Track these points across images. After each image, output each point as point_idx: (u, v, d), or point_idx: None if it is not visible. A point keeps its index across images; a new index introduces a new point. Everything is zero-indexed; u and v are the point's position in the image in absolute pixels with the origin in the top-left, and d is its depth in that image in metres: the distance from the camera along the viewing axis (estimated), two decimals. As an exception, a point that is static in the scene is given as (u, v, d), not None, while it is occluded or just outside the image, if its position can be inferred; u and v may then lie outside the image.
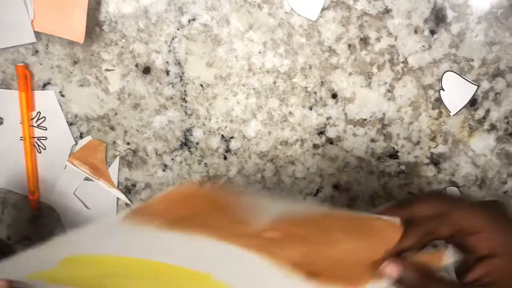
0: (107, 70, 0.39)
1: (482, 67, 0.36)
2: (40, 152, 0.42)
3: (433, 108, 0.38)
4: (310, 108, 0.39)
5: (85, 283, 0.23)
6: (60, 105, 0.40)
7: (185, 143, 0.41)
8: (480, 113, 0.38)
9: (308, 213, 0.30)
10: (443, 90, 0.37)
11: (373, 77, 0.38)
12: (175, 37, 0.38)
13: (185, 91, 0.39)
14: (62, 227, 0.45)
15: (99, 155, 0.43)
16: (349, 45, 0.37)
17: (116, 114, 0.40)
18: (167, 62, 0.39)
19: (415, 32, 0.36)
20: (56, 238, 0.25)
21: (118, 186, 0.43)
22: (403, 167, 0.40)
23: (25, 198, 0.43)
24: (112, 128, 0.41)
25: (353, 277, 0.27)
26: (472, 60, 0.36)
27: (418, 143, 0.39)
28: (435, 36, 0.36)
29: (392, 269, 0.27)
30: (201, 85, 0.39)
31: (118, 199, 0.43)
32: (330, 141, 0.40)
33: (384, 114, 0.39)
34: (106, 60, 0.39)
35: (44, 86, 0.40)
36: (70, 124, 0.41)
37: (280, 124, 0.40)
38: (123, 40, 0.38)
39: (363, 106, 0.39)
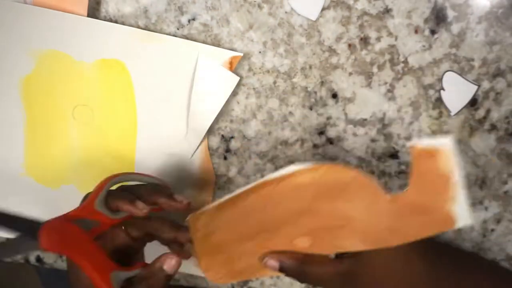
0: (107, 70, 0.39)
1: (482, 67, 0.36)
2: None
3: (433, 108, 0.38)
4: (310, 108, 0.39)
5: None
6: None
7: (185, 143, 0.41)
8: (480, 113, 0.38)
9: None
10: (444, 90, 0.37)
11: (373, 77, 0.38)
12: (175, 36, 0.38)
13: (185, 91, 0.39)
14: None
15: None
16: (349, 45, 0.37)
17: (115, 114, 0.40)
18: (167, 62, 0.39)
19: (416, 32, 0.36)
20: None
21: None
22: (403, 167, 0.40)
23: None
24: (112, 128, 0.41)
25: None
26: (473, 60, 0.36)
27: (418, 143, 0.39)
28: (436, 36, 0.36)
29: (272, 264, 0.32)
30: (201, 85, 0.39)
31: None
32: (330, 141, 0.40)
33: (384, 114, 0.38)
34: (105, 60, 0.39)
35: (44, 86, 0.40)
36: (70, 124, 0.41)
37: (280, 124, 0.40)
38: (123, 40, 0.38)
39: (363, 106, 0.38)
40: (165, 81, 0.38)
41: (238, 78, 0.37)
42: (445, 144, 0.26)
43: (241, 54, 0.37)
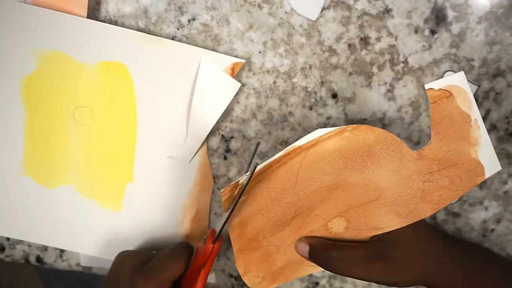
0: (107, 70, 0.39)
1: (482, 67, 0.36)
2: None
3: (433, 108, 0.38)
4: (310, 108, 0.39)
5: None
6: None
7: (185, 143, 0.41)
8: (480, 113, 0.38)
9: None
10: (444, 90, 0.37)
11: (373, 77, 0.38)
12: (175, 37, 0.38)
13: (185, 91, 0.39)
14: (62, 227, 0.45)
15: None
16: (349, 45, 0.37)
17: (116, 114, 0.40)
18: (167, 62, 0.39)
19: (416, 32, 0.36)
20: None
21: (118, 186, 0.42)
22: (403, 167, 0.40)
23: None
24: (112, 128, 0.41)
25: None
26: (473, 60, 0.36)
27: (418, 143, 0.39)
28: (436, 36, 0.36)
29: (302, 248, 0.33)
30: (201, 85, 0.39)
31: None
32: (330, 141, 0.40)
33: (384, 114, 0.39)
34: (106, 60, 0.39)
35: (44, 86, 0.40)
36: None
37: (280, 124, 0.40)
38: (123, 40, 0.38)
39: (363, 106, 0.38)
40: (166, 85, 0.38)
41: (239, 84, 0.37)
42: (459, 78, 0.26)
43: (243, 61, 0.37)
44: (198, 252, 0.35)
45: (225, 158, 0.41)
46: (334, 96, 0.38)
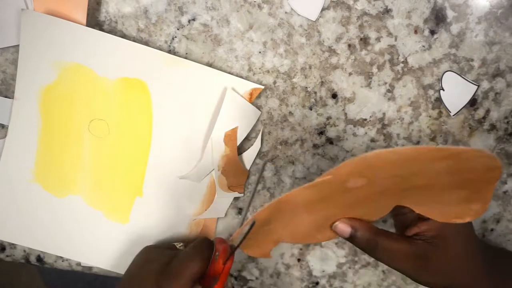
0: (107, 70, 0.39)
1: (482, 67, 0.37)
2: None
3: (433, 108, 0.38)
4: (310, 108, 0.39)
5: None
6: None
7: (185, 143, 0.41)
8: (480, 113, 0.38)
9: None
10: (443, 90, 0.37)
11: (373, 77, 0.38)
12: (175, 37, 0.38)
13: (185, 91, 0.39)
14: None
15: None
16: (349, 45, 0.37)
17: (116, 114, 0.40)
18: (167, 62, 0.39)
19: (415, 32, 0.36)
20: None
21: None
22: (403, 167, 0.40)
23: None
24: (112, 128, 0.41)
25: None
26: (472, 60, 0.36)
27: (418, 143, 0.39)
28: (435, 36, 0.36)
29: (343, 228, 0.31)
30: (201, 85, 0.39)
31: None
32: (330, 141, 0.40)
33: (384, 114, 0.39)
34: (106, 60, 0.39)
35: (45, 86, 0.40)
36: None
37: (280, 124, 0.40)
38: (123, 40, 0.38)
39: (363, 106, 0.39)
40: (185, 106, 0.38)
41: (259, 113, 0.38)
42: None
43: (262, 87, 0.37)
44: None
45: (225, 158, 0.41)
46: (334, 96, 0.38)
